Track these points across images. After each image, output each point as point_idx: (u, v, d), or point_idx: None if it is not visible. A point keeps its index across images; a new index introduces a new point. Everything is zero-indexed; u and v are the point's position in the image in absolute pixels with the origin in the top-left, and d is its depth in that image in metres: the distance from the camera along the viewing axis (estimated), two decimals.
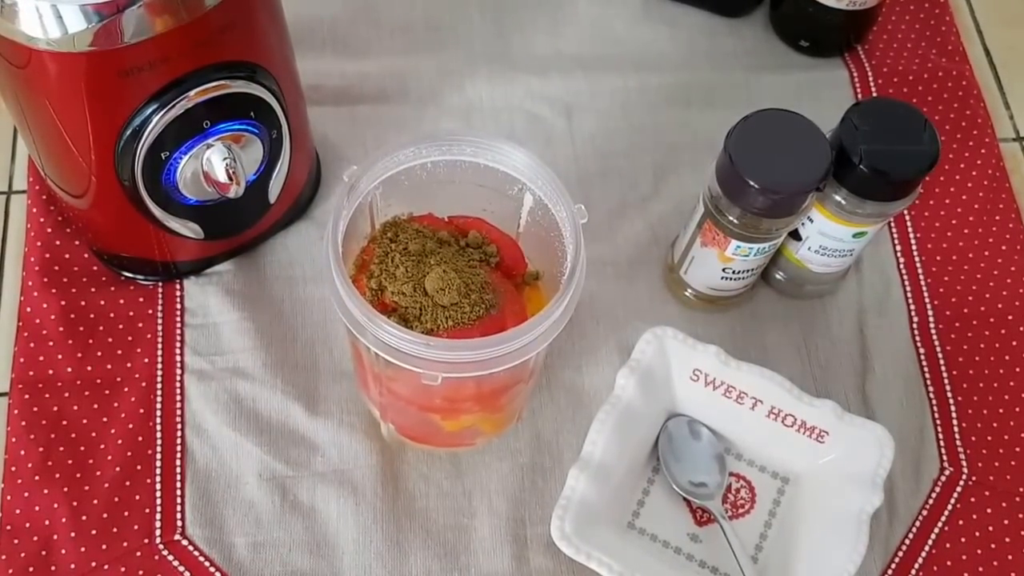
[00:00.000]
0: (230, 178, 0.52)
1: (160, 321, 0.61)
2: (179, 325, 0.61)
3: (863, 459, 0.54)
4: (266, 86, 0.52)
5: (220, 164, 0.51)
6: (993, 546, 0.58)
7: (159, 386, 0.59)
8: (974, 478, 0.59)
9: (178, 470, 0.57)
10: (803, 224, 0.59)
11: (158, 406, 0.58)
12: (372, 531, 0.55)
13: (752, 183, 0.52)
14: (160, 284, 0.62)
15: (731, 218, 0.55)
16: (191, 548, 0.54)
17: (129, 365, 0.59)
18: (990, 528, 0.58)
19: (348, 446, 0.58)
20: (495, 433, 0.56)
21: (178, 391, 0.59)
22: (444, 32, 0.73)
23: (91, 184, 0.53)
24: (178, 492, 0.56)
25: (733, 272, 0.59)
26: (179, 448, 0.57)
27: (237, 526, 0.55)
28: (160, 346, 0.60)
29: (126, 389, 0.58)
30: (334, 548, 0.55)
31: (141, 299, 0.61)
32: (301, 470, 0.57)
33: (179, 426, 0.58)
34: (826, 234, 0.58)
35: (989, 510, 0.58)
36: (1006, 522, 0.58)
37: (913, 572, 0.57)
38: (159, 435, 0.57)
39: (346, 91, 0.70)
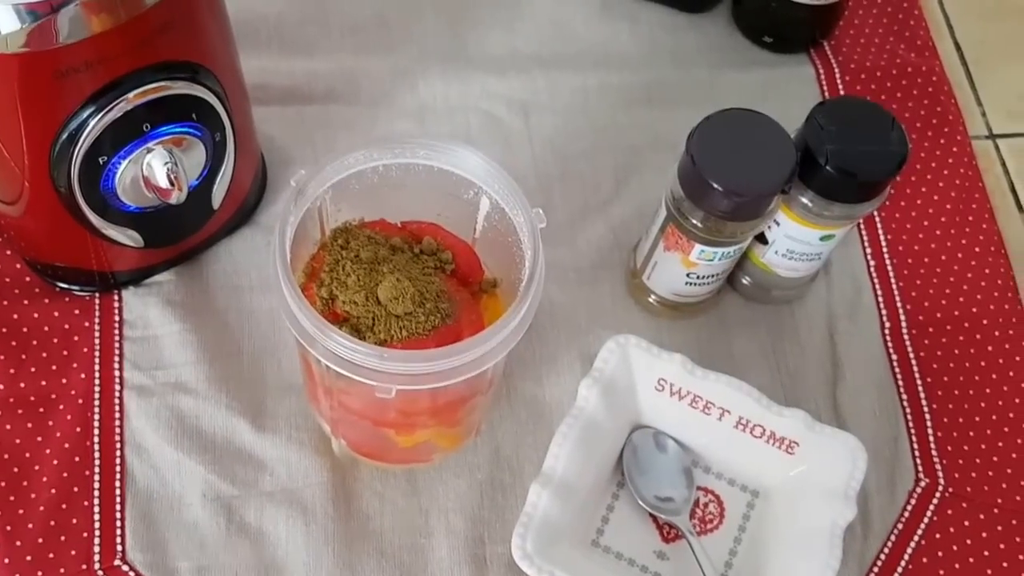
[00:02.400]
0: (172, 183, 0.53)
1: (97, 334, 0.61)
2: (117, 338, 0.61)
3: (835, 471, 0.56)
4: (208, 87, 0.53)
5: (161, 169, 0.52)
6: (971, 560, 0.60)
7: (96, 403, 0.59)
8: (951, 489, 0.61)
9: (118, 491, 0.57)
10: (769, 227, 0.61)
11: (96, 424, 0.59)
12: (323, 554, 0.57)
13: (715, 185, 0.54)
14: (97, 295, 0.63)
15: (694, 222, 0.57)
16: (132, 574, 0.55)
17: (64, 381, 0.60)
18: (968, 541, 0.60)
19: (297, 463, 0.59)
20: (452, 448, 0.57)
21: (117, 408, 0.59)
22: (396, 30, 0.75)
23: (24, 191, 0.53)
24: (118, 515, 0.57)
25: (697, 277, 0.61)
26: (118, 468, 0.58)
27: (180, 550, 0.56)
28: (97, 361, 0.61)
29: (61, 407, 0.59)
30: (283, 572, 0.56)
31: (77, 311, 0.62)
32: (248, 489, 0.58)
33: (118, 445, 0.59)
34: (793, 237, 0.60)
35: (967, 522, 0.60)
36: (984, 535, 0.60)
37: None
38: (97, 455, 0.58)
39: (294, 91, 0.71)
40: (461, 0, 0.77)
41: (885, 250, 0.69)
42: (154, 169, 0.53)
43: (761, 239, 0.62)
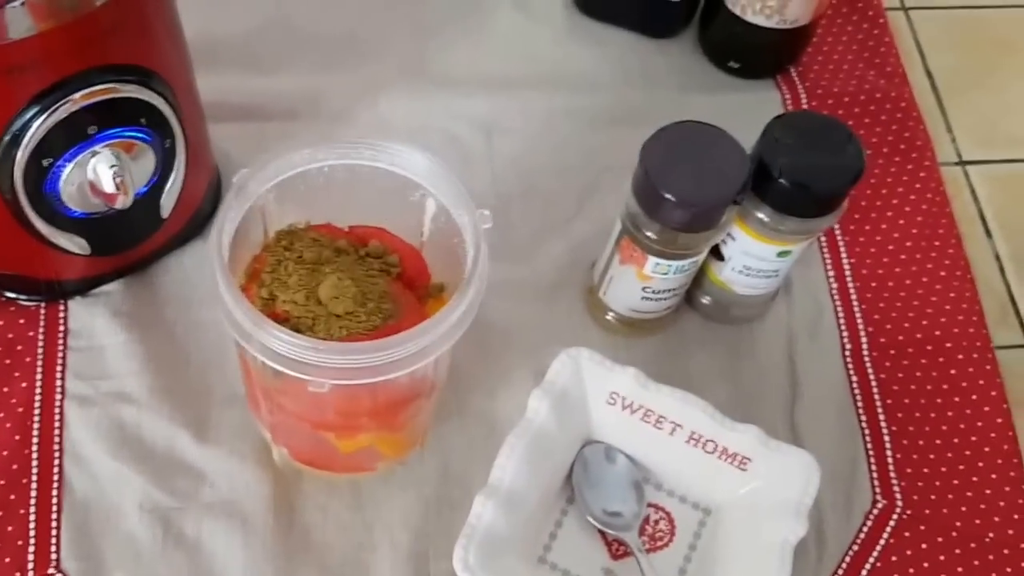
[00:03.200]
0: (118, 188, 0.54)
1: (41, 344, 0.62)
2: (61, 348, 0.62)
3: (787, 487, 0.56)
4: (158, 92, 0.54)
5: (107, 173, 0.53)
6: None
7: (37, 412, 0.60)
8: (909, 511, 0.62)
9: (55, 501, 0.58)
10: (725, 243, 0.62)
11: (35, 433, 0.59)
12: (262, 567, 0.57)
13: (668, 196, 0.55)
14: (43, 305, 0.63)
15: (648, 234, 0.58)
16: None
17: (6, 390, 0.60)
18: (925, 564, 0.60)
19: (239, 475, 0.59)
20: (396, 457, 0.58)
21: (57, 418, 0.60)
22: (360, 49, 0.77)
23: None
24: (54, 524, 0.57)
25: (653, 292, 0.62)
26: (56, 478, 0.58)
27: (116, 560, 0.56)
28: (40, 370, 0.61)
29: (1, 415, 0.59)
30: None
31: (21, 320, 0.63)
32: (187, 501, 0.58)
33: (57, 455, 0.59)
34: (749, 253, 0.61)
35: (924, 545, 0.61)
36: (942, 558, 0.60)
37: None
38: (35, 464, 0.58)
39: (254, 108, 0.73)
40: (430, 20, 0.79)
41: (848, 272, 0.70)
42: (99, 173, 0.53)
43: (718, 256, 0.63)
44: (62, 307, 0.63)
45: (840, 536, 0.60)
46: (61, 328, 0.63)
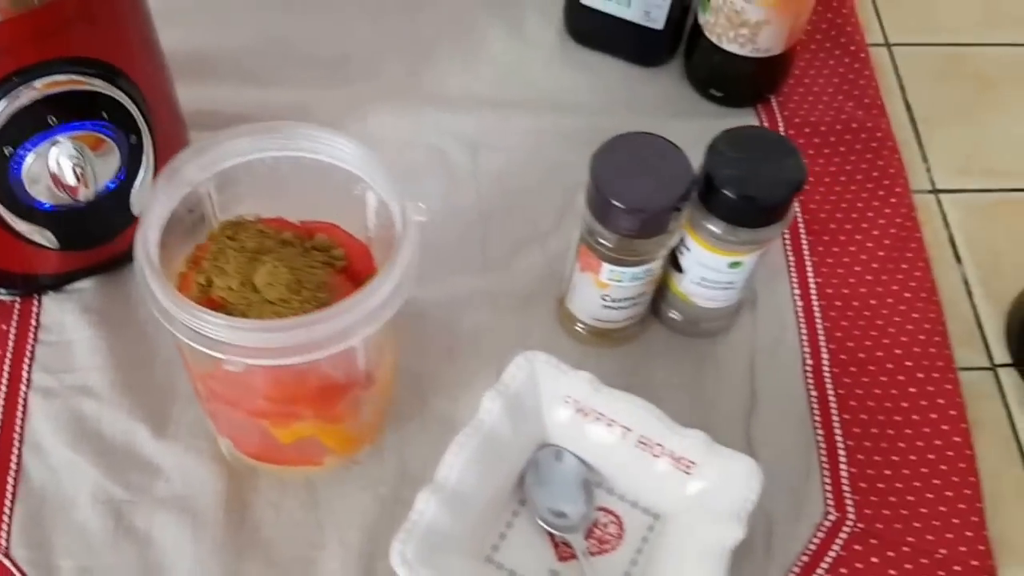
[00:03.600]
0: (78, 179, 0.55)
1: (12, 336, 0.63)
2: (31, 341, 0.63)
3: (729, 491, 0.56)
4: (123, 89, 0.56)
5: (67, 164, 0.55)
6: None
7: (0, 402, 0.61)
8: (861, 525, 0.61)
9: (10, 488, 0.58)
10: (683, 254, 0.62)
11: None
12: (209, 561, 0.57)
13: (616, 203, 0.56)
14: (18, 299, 0.65)
15: (602, 240, 0.59)
16: (13, 569, 0.56)
17: None
18: None
19: (194, 471, 0.59)
20: (344, 452, 0.58)
21: (20, 408, 0.61)
22: (353, 68, 0.78)
23: None
24: (7, 511, 0.57)
25: (612, 300, 0.62)
26: (14, 466, 0.59)
27: (65, 549, 0.57)
28: (8, 362, 0.62)
29: None
30: None
31: None
32: (140, 495, 0.59)
33: (16, 444, 0.60)
34: (704, 264, 0.61)
35: (875, 559, 0.60)
36: (892, 572, 0.59)
37: None
38: None
39: (244, 118, 0.71)
40: (424, 42, 0.80)
41: (814, 291, 0.70)
42: (60, 164, 0.55)
43: (677, 267, 0.63)
44: (36, 302, 0.65)
45: (789, 546, 0.60)
46: (33, 322, 0.64)
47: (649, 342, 0.67)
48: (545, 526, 0.58)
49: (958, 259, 0.74)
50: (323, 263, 0.52)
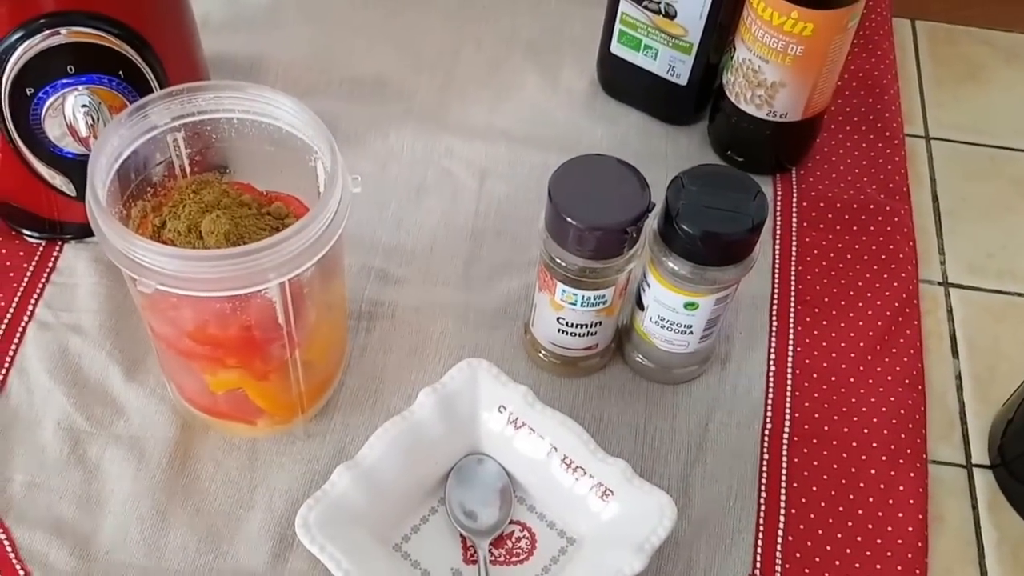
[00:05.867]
0: (90, 130, 0.59)
1: (29, 275, 0.67)
2: (44, 281, 0.67)
3: (640, 524, 0.54)
4: (141, 53, 0.59)
5: (80, 112, 0.58)
6: None
7: (2, 328, 0.65)
8: None
9: None
10: (644, 291, 0.61)
11: None
12: (142, 497, 0.58)
13: (569, 220, 0.56)
14: (43, 244, 0.69)
15: (557, 260, 0.58)
16: None
17: None
18: None
19: (153, 416, 0.61)
20: (276, 414, 0.58)
21: (18, 336, 0.64)
22: (389, 89, 0.81)
23: None
24: None
25: (567, 324, 0.61)
26: None
27: (21, 464, 0.59)
28: (19, 296, 0.66)
29: None
30: (102, 506, 0.58)
31: (21, 253, 0.68)
32: (100, 428, 0.61)
33: (7, 365, 0.63)
34: (661, 302, 0.60)
35: None
36: None
37: None
38: None
39: None
40: (460, 77, 0.82)
41: (790, 359, 0.67)
42: (75, 114, 0.58)
43: (640, 305, 0.62)
44: (58, 248, 0.69)
45: None
46: (50, 265, 0.68)
47: (609, 380, 0.66)
48: (455, 524, 0.57)
49: (955, 354, 0.70)
50: (273, 228, 0.53)
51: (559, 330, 0.62)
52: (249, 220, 0.52)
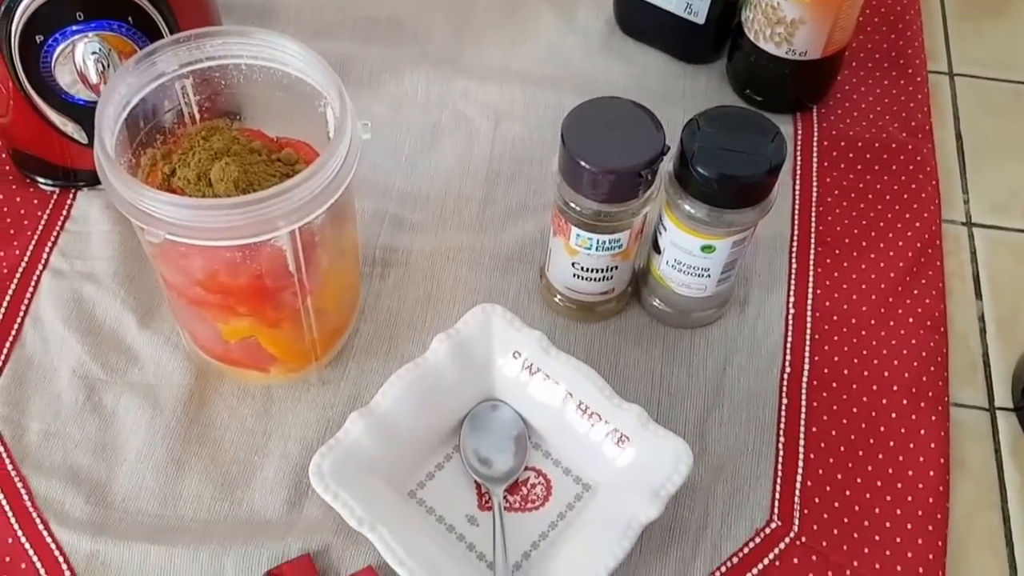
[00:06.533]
0: (100, 77, 0.57)
1: (43, 222, 0.66)
2: (58, 229, 0.66)
3: (656, 470, 0.53)
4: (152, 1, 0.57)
5: (91, 59, 0.57)
6: None
7: (18, 276, 0.64)
8: (803, 539, 0.56)
9: (5, 351, 0.61)
10: (661, 234, 0.59)
11: (9, 293, 0.63)
12: (157, 445, 0.58)
13: (582, 163, 0.54)
14: (57, 191, 0.67)
15: (571, 204, 0.56)
16: None
17: (1, 254, 0.64)
18: None
19: (167, 364, 0.60)
20: (289, 362, 0.58)
21: (33, 284, 0.64)
22: (403, 31, 0.79)
23: None
24: None
25: (582, 269, 0.60)
26: (14, 332, 0.62)
27: (37, 412, 0.59)
28: (33, 243, 0.65)
29: None
30: (117, 453, 0.57)
31: (35, 200, 0.67)
32: (115, 376, 0.60)
33: (22, 313, 0.62)
34: (678, 245, 0.58)
35: (811, 574, 0.55)
36: None
37: None
38: (0, 316, 0.62)
39: None
40: (473, 15, 0.80)
41: (810, 301, 0.66)
42: (85, 60, 0.57)
43: (656, 248, 0.60)
44: (71, 196, 0.67)
45: (721, 543, 0.56)
46: (64, 213, 0.67)
47: (625, 325, 0.64)
48: (470, 471, 0.56)
49: (979, 295, 0.68)
50: (283, 175, 0.51)
51: (574, 275, 0.60)
52: (259, 167, 0.51)
